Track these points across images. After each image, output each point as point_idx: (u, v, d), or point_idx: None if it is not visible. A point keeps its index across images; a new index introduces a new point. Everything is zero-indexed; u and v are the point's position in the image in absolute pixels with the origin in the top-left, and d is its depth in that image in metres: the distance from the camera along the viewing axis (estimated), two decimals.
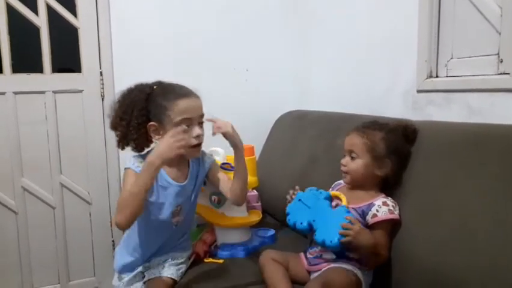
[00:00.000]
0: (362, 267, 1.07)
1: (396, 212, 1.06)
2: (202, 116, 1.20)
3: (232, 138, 1.20)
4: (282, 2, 2.06)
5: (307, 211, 1.12)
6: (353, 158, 1.12)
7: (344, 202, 1.10)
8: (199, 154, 1.24)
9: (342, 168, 1.15)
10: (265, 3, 2.03)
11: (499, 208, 0.87)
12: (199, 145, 1.20)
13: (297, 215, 1.13)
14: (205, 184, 1.35)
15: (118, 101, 1.23)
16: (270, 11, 2.04)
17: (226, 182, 1.29)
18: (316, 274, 1.09)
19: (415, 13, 1.36)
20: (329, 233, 1.02)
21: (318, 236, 1.05)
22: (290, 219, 1.15)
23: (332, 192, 1.16)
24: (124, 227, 1.12)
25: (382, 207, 1.06)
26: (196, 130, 1.17)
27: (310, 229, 1.09)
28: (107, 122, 1.76)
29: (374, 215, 1.06)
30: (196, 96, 1.20)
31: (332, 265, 1.08)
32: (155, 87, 1.23)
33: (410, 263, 1.01)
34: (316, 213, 1.10)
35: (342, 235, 0.99)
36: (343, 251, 1.07)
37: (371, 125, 1.15)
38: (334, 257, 1.09)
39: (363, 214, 1.08)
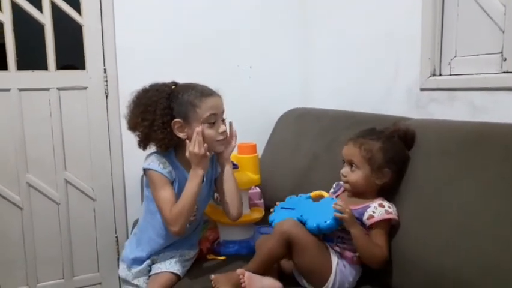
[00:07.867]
0: (342, 259, 1.08)
1: (394, 213, 1.06)
2: (223, 112, 1.25)
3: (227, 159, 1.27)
4: (286, 0, 2.06)
5: (292, 213, 1.12)
6: (352, 169, 1.12)
7: (327, 195, 1.13)
8: (223, 147, 1.26)
9: (342, 178, 1.14)
10: (269, 1, 2.03)
11: (502, 208, 0.86)
12: (223, 139, 1.24)
13: (283, 218, 1.11)
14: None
15: (133, 101, 1.23)
16: (274, 8, 2.03)
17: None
18: None
19: (419, 11, 1.36)
20: (321, 216, 1.04)
21: (311, 224, 1.05)
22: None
23: (313, 193, 1.17)
24: (182, 234, 1.20)
25: (378, 209, 1.05)
26: (222, 126, 1.22)
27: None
28: (112, 119, 1.80)
29: (370, 216, 1.05)
30: (219, 95, 1.25)
31: None
32: (173, 86, 1.24)
33: (411, 265, 1.01)
34: (302, 210, 1.10)
35: (336, 214, 1.01)
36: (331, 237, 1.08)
37: (367, 134, 1.14)
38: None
39: (360, 216, 1.07)
